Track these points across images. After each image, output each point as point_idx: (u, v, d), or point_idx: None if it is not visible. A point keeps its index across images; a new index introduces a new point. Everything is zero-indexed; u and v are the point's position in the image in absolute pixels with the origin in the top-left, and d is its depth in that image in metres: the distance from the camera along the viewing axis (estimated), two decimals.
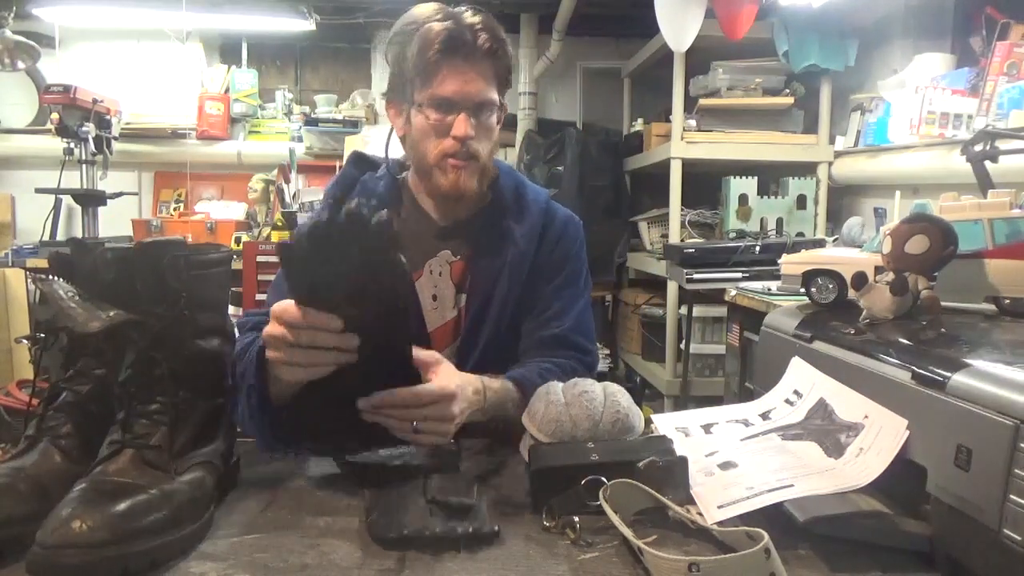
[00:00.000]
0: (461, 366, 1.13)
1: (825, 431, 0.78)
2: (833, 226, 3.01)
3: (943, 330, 0.82)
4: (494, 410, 1.00)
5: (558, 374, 1.06)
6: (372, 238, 0.69)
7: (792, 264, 1.03)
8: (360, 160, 1.27)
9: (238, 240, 3.27)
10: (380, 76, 3.84)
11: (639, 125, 3.55)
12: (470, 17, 1.09)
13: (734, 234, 2.84)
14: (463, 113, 1.08)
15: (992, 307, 0.93)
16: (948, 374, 0.64)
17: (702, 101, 2.93)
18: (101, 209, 3.25)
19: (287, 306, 0.75)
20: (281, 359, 0.78)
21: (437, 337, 1.18)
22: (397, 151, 1.22)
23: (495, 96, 1.12)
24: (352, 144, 3.37)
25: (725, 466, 0.77)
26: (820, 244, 2.52)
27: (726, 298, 2.15)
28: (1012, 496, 0.56)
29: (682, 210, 2.99)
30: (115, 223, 3.38)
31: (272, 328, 0.78)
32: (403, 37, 1.10)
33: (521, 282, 1.17)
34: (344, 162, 1.26)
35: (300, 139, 3.76)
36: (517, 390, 1.04)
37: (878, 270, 0.92)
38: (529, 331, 1.18)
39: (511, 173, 1.25)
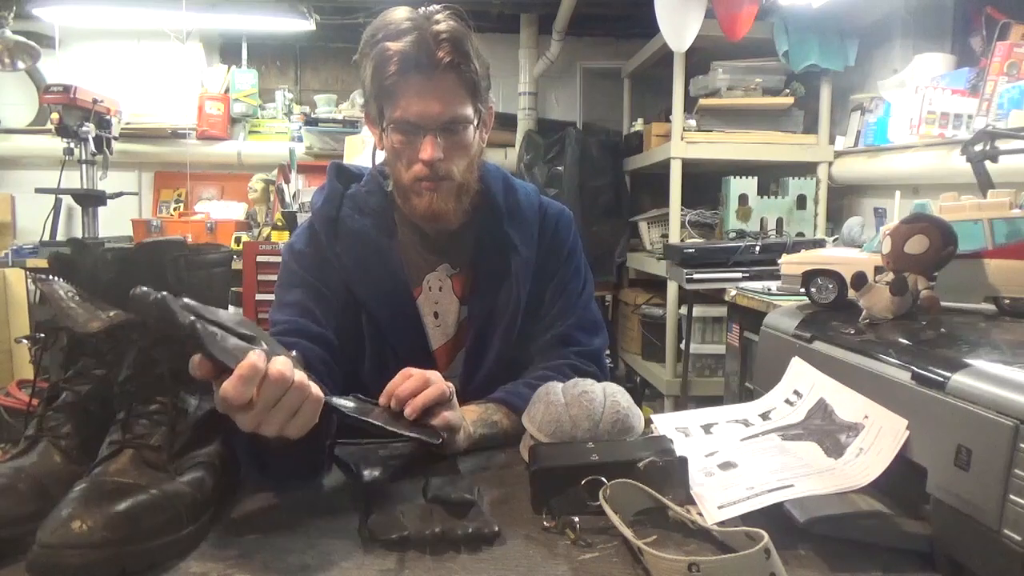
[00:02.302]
0: (468, 380, 1.13)
1: (825, 431, 0.78)
2: (833, 226, 3.01)
3: (943, 330, 0.82)
4: (481, 440, 0.98)
5: (553, 379, 1.04)
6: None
7: (792, 264, 1.03)
8: (341, 172, 1.20)
9: (238, 240, 3.27)
10: None
11: (639, 125, 3.55)
12: (435, 25, 1.01)
13: (734, 234, 2.84)
14: (429, 135, 1.02)
15: (992, 307, 0.93)
16: (948, 374, 0.64)
17: (702, 101, 2.93)
18: (101, 209, 3.25)
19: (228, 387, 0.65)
20: (252, 421, 0.68)
21: (441, 355, 1.16)
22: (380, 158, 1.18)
23: (464, 111, 1.05)
24: (352, 144, 3.37)
25: (725, 466, 0.77)
26: (820, 244, 2.52)
27: (726, 298, 2.15)
28: (1012, 496, 0.56)
29: (682, 210, 2.99)
30: (115, 223, 3.38)
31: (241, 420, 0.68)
32: (367, 51, 1.04)
33: (527, 289, 1.16)
34: (326, 176, 1.20)
35: (300, 139, 3.76)
36: (501, 415, 1.02)
37: (878, 270, 0.92)
38: (535, 334, 1.17)
39: (498, 173, 1.20)
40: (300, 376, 0.70)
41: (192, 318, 0.63)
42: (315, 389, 0.72)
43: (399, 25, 1.02)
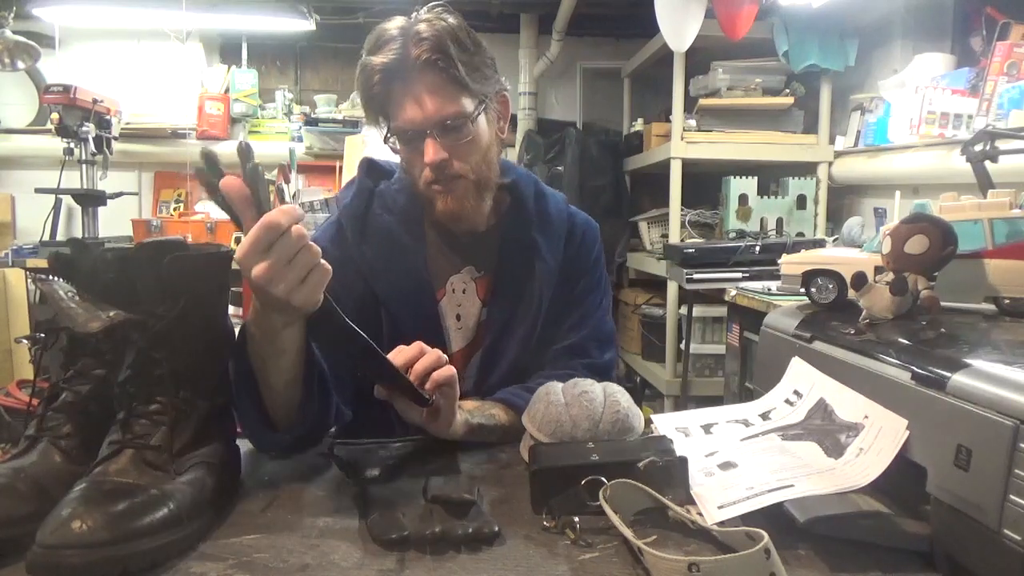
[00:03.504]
0: (482, 383, 1.13)
1: (825, 431, 0.78)
2: (833, 226, 3.01)
3: (943, 330, 0.82)
4: (477, 419, 0.99)
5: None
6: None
7: (792, 264, 1.03)
8: (372, 168, 1.19)
9: (238, 240, 3.26)
10: None
11: (639, 125, 3.55)
12: (416, 26, 1.00)
13: (734, 234, 2.84)
14: (428, 138, 1.01)
15: (992, 307, 0.93)
16: (948, 374, 0.64)
17: (702, 101, 2.93)
18: (101, 209, 3.25)
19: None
20: (269, 272, 0.71)
21: (460, 357, 1.15)
22: None
23: (456, 106, 1.01)
24: (352, 144, 3.37)
25: (725, 466, 0.77)
26: (820, 244, 2.52)
27: (726, 298, 2.15)
28: (1012, 496, 0.56)
29: (682, 210, 2.99)
30: (115, 223, 3.38)
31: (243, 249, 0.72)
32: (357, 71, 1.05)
33: (550, 297, 1.15)
34: (357, 170, 1.19)
35: (300, 139, 3.76)
36: (500, 408, 1.03)
37: (878, 270, 0.92)
38: (550, 343, 1.17)
39: (529, 179, 1.19)
40: (316, 246, 0.75)
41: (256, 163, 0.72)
42: (326, 263, 0.76)
43: (384, 35, 1.02)
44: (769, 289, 1.97)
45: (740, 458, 0.78)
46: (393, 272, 1.11)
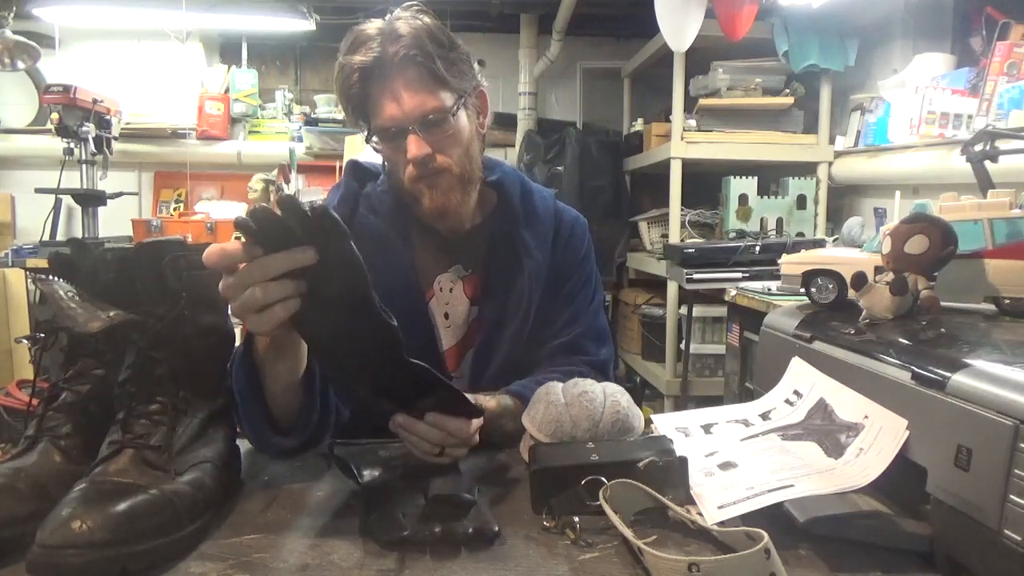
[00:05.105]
0: (476, 381, 1.13)
1: (825, 431, 0.78)
2: (833, 226, 3.01)
3: (943, 330, 0.82)
4: (490, 428, 0.97)
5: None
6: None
7: (792, 264, 1.02)
8: (357, 170, 1.19)
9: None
10: None
11: (639, 125, 3.55)
12: (393, 24, 1.01)
13: (734, 234, 2.84)
14: (410, 135, 1.01)
15: (992, 307, 0.93)
16: (948, 374, 0.64)
17: (702, 101, 2.93)
18: (101, 209, 3.25)
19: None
20: (226, 291, 0.71)
21: (451, 355, 1.16)
22: None
23: (435, 101, 1.01)
24: (352, 144, 3.38)
25: (725, 466, 0.77)
26: (820, 244, 2.52)
27: (726, 298, 2.15)
28: (1012, 496, 0.56)
29: (682, 210, 2.99)
30: (115, 223, 3.38)
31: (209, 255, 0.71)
32: (336, 72, 1.05)
33: (539, 294, 1.15)
34: (342, 173, 1.19)
35: (300, 139, 3.77)
36: (515, 404, 1.02)
37: (878, 270, 0.92)
38: (543, 340, 1.16)
39: (515, 176, 1.19)
40: (279, 289, 0.69)
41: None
42: (285, 307, 0.70)
43: (361, 36, 1.02)
44: (769, 289, 1.97)
45: (740, 458, 0.78)
46: (381, 273, 1.10)
